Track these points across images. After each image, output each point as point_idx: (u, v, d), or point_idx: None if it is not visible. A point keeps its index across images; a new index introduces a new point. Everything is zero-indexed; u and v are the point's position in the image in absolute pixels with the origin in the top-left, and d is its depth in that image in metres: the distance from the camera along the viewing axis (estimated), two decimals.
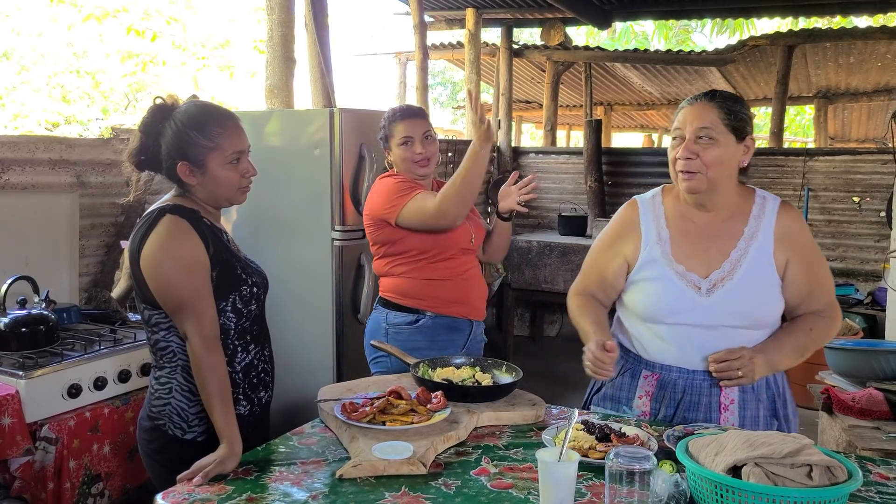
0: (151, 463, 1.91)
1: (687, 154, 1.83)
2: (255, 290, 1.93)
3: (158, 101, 1.85)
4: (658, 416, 1.97)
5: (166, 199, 1.88)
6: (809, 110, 13.35)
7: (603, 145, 6.83)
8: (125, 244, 1.98)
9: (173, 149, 1.81)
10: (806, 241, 1.93)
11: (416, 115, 2.60)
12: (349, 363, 3.31)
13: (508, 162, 7.10)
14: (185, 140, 1.80)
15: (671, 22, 14.67)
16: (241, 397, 1.91)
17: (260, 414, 1.99)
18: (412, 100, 6.72)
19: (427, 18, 6.90)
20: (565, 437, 1.49)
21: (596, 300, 2.12)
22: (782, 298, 1.91)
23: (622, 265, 2.02)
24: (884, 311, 4.86)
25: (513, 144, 7.39)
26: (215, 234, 1.87)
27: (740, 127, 1.83)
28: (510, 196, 2.56)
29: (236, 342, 1.90)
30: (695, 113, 1.83)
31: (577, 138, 14.30)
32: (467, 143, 7.51)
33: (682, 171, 1.86)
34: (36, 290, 2.84)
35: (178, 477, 1.59)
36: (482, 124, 2.32)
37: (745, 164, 1.86)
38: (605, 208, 6.53)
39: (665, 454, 1.66)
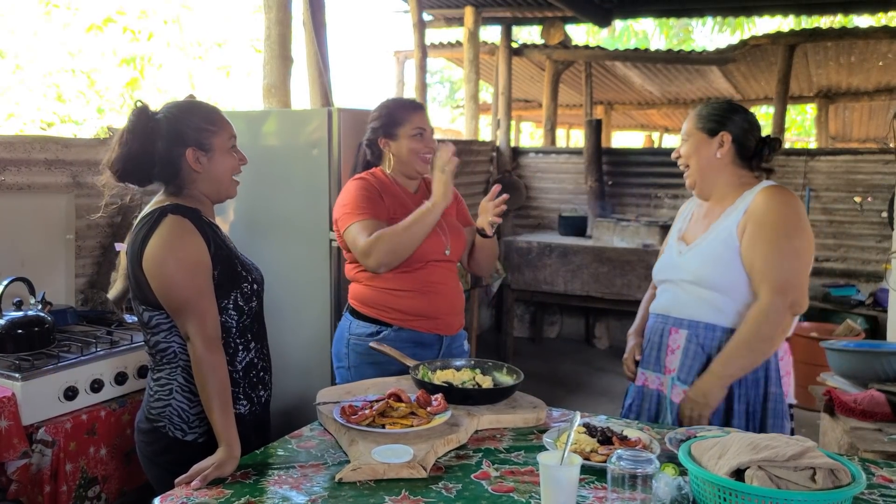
0: (151, 465, 1.89)
1: (675, 154, 2.25)
2: (254, 286, 1.93)
3: (140, 104, 1.85)
4: (643, 358, 2.30)
5: (157, 199, 1.87)
6: (811, 110, 13.36)
7: (603, 145, 6.81)
8: (120, 246, 1.96)
9: (176, 139, 1.81)
10: (768, 217, 2.02)
11: (423, 108, 2.50)
12: None
13: (508, 162, 7.09)
14: (190, 126, 1.82)
15: (672, 21, 14.67)
16: (242, 396, 1.90)
17: (260, 413, 1.99)
18: None
19: (426, 17, 6.89)
20: (567, 440, 1.48)
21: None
22: (739, 265, 2.06)
23: None
24: (885, 312, 4.84)
25: (512, 144, 7.37)
26: (214, 232, 1.87)
27: (710, 126, 2.15)
28: (486, 212, 2.40)
29: (238, 340, 1.89)
30: (683, 125, 2.26)
31: (577, 138, 14.29)
32: (466, 143, 7.45)
33: (683, 169, 2.23)
34: (32, 292, 2.82)
35: (177, 480, 1.58)
36: (443, 174, 2.25)
37: (720, 156, 2.13)
38: (606, 208, 6.52)
39: (668, 457, 1.64)
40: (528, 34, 11.24)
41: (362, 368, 2.38)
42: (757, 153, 2.15)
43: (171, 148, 1.81)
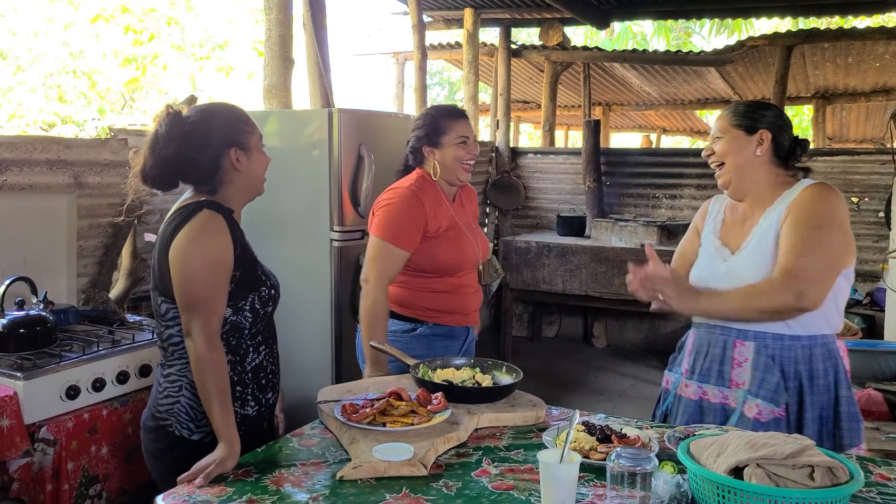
0: (156, 463, 1.90)
1: (706, 152, 2.16)
2: (272, 291, 1.94)
3: (171, 109, 1.85)
4: (689, 370, 2.16)
5: (189, 195, 1.87)
6: (807, 111, 13.37)
7: (601, 145, 6.83)
8: (149, 237, 1.98)
9: (217, 141, 1.83)
10: (806, 209, 1.96)
11: (467, 116, 2.55)
12: (348, 364, 3.31)
13: (507, 162, 7.10)
14: (231, 125, 1.86)
15: (671, 23, 14.68)
16: (250, 398, 1.90)
17: (268, 415, 1.99)
18: (410, 100, 6.73)
19: (425, 18, 6.90)
20: (567, 438, 1.49)
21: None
22: None
23: (698, 243, 2.30)
24: (882, 311, 4.86)
25: (511, 145, 7.38)
26: (242, 235, 1.89)
27: (748, 124, 2.07)
28: None
29: (249, 342, 1.90)
30: (714, 124, 2.17)
31: (576, 138, 14.29)
32: None
33: (714, 168, 2.15)
34: (34, 291, 2.83)
35: (179, 479, 1.59)
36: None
37: (759, 154, 2.05)
38: (604, 208, 6.53)
39: (667, 455, 1.66)
40: (527, 35, 11.26)
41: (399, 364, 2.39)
42: (791, 152, 2.09)
43: (208, 150, 1.82)
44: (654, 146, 13.90)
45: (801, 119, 16.73)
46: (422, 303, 2.49)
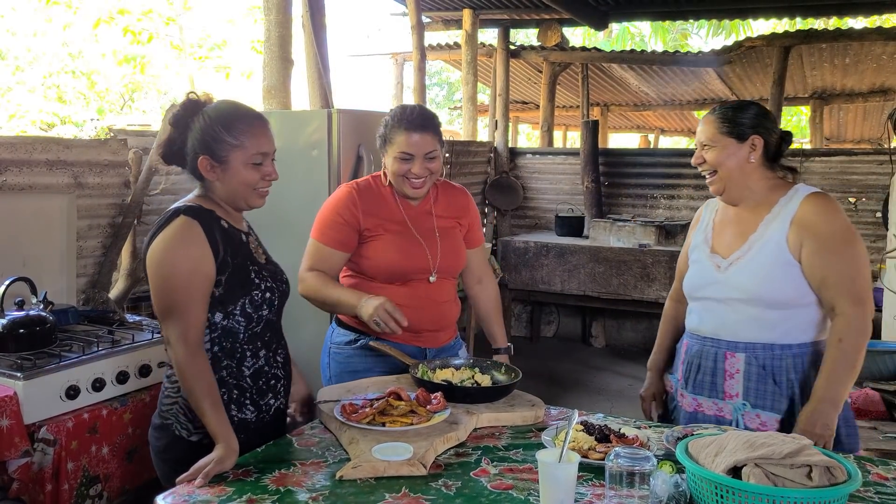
0: (159, 461, 1.90)
1: (696, 160, 2.13)
2: (268, 294, 1.90)
3: (192, 96, 1.85)
4: (684, 381, 2.15)
5: (188, 198, 1.87)
6: (805, 111, 13.38)
7: (599, 146, 6.84)
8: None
9: (198, 143, 1.81)
10: (826, 228, 1.95)
11: (424, 128, 2.21)
12: None
13: (505, 162, 7.11)
14: (211, 135, 1.80)
15: (668, 24, 14.69)
16: (249, 402, 1.88)
17: (270, 420, 1.95)
18: (409, 101, 6.74)
19: (424, 19, 6.90)
20: (565, 437, 1.50)
21: (679, 309, 2.31)
22: (798, 279, 1.97)
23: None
24: (880, 311, 4.87)
25: (510, 145, 7.39)
26: (230, 238, 1.85)
27: (738, 131, 2.04)
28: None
29: (245, 346, 1.88)
30: (700, 129, 2.13)
31: (574, 139, 14.30)
32: (464, 143, 7.48)
33: (706, 175, 2.12)
34: (34, 291, 2.83)
35: (178, 479, 1.59)
36: (377, 327, 2.08)
37: (753, 160, 2.04)
38: (602, 209, 6.54)
39: (665, 455, 1.66)
40: (526, 36, 11.28)
41: (343, 377, 2.31)
42: (778, 150, 2.09)
43: (193, 149, 1.82)
44: (651, 146, 13.92)
45: (800, 119, 16.76)
46: None
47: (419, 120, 2.22)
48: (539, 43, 7.80)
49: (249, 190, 1.86)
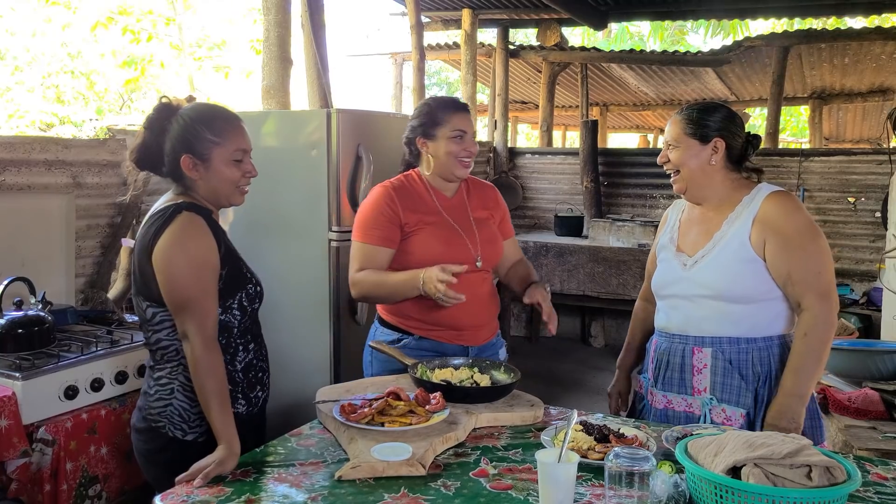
0: (149, 465, 1.90)
1: (661, 159, 2.18)
2: (258, 288, 1.96)
3: (164, 100, 1.87)
4: (653, 379, 2.18)
5: (168, 198, 1.88)
6: (804, 111, 13.38)
7: (599, 146, 6.84)
8: (127, 242, 1.98)
9: (179, 142, 1.83)
10: (788, 225, 1.99)
11: (467, 110, 2.37)
12: (346, 364, 3.31)
13: (505, 162, 7.11)
14: (192, 133, 1.83)
15: (666, 23, 14.69)
16: (240, 396, 1.91)
17: (257, 413, 1.99)
18: (409, 100, 6.73)
19: (423, 19, 6.90)
20: (565, 437, 1.50)
21: (648, 308, 2.36)
22: (762, 275, 2.01)
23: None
24: (879, 311, 4.87)
25: (509, 145, 7.39)
26: (223, 233, 1.89)
27: (701, 132, 2.08)
28: (535, 299, 2.30)
29: (238, 340, 1.90)
30: (667, 128, 2.18)
31: (573, 139, 14.31)
32: None
33: (671, 174, 2.17)
34: (32, 291, 2.83)
35: (177, 479, 1.58)
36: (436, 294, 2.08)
37: (714, 162, 2.08)
38: (601, 209, 6.54)
39: (664, 455, 1.66)
40: (525, 36, 11.28)
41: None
42: (743, 154, 2.12)
43: (172, 149, 1.84)
44: (651, 146, 13.94)
45: (799, 119, 16.77)
46: (406, 311, 2.31)
47: (462, 103, 2.38)
48: (538, 43, 7.80)
49: (232, 187, 1.90)
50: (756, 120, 14.30)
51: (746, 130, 2.14)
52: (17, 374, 2.40)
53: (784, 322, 2.06)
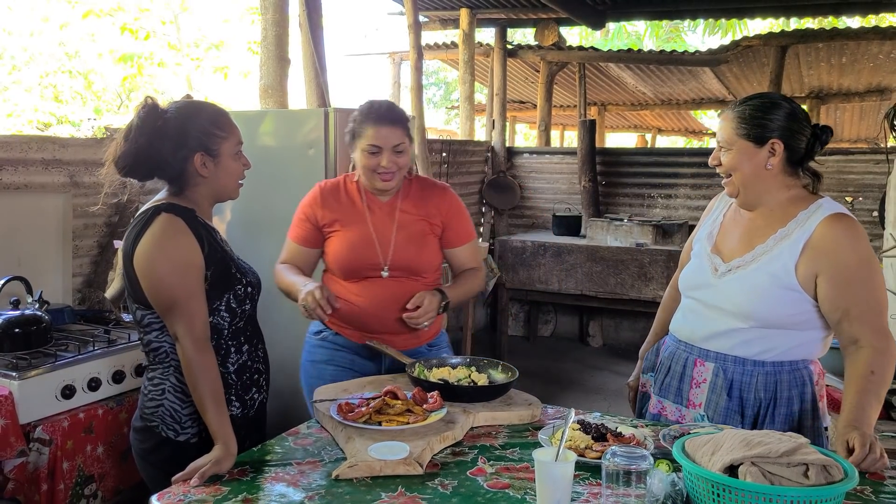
0: (144, 464, 1.90)
1: (712, 160, 1.97)
2: (248, 289, 1.93)
3: (150, 100, 1.84)
4: (654, 382, 2.12)
5: (159, 198, 1.87)
6: None
7: (597, 145, 6.84)
8: (119, 244, 1.97)
9: (183, 142, 1.80)
10: (850, 257, 1.80)
11: (392, 122, 2.23)
12: None
13: (503, 162, 7.10)
14: (202, 130, 1.82)
15: (663, 22, 14.71)
16: (234, 398, 1.91)
17: (254, 416, 1.98)
18: (407, 100, 6.73)
19: (421, 18, 6.90)
20: (562, 436, 1.50)
21: (677, 299, 2.16)
22: (798, 306, 1.85)
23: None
24: None
25: (507, 144, 7.39)
26: (209, 233, 1.87)
27: (756, 133, 1.86)
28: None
29: (230, 342, 1.90)
30: (718, 125, 1.96)
31: (571, 138, 14.31)
32: (461, 142, 7.47)
33: (723, 176, 1.97)
34: (29, 291, 2.83)
35: (174, 478, 1.58)
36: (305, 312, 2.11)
37: (771, 167, 1.87)
38: (599, 208, 6.54)
39: (662, 454, 1.66)
40: (523, 36, 11.27)
41: (307, 366, 2.41)
42: (808, 152, 1.90)
43: (178, 150, 1.81)
44: (649, 146, 13.94)
45: None
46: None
47: (387, 114, 2.25)
48: (536, 42, 7.80)
49: (235, 181, 1.92)
50: None
51: (814, 123, 1.91)
52: (14, 374, 2.39)
53: (805, 350, 1.91)
